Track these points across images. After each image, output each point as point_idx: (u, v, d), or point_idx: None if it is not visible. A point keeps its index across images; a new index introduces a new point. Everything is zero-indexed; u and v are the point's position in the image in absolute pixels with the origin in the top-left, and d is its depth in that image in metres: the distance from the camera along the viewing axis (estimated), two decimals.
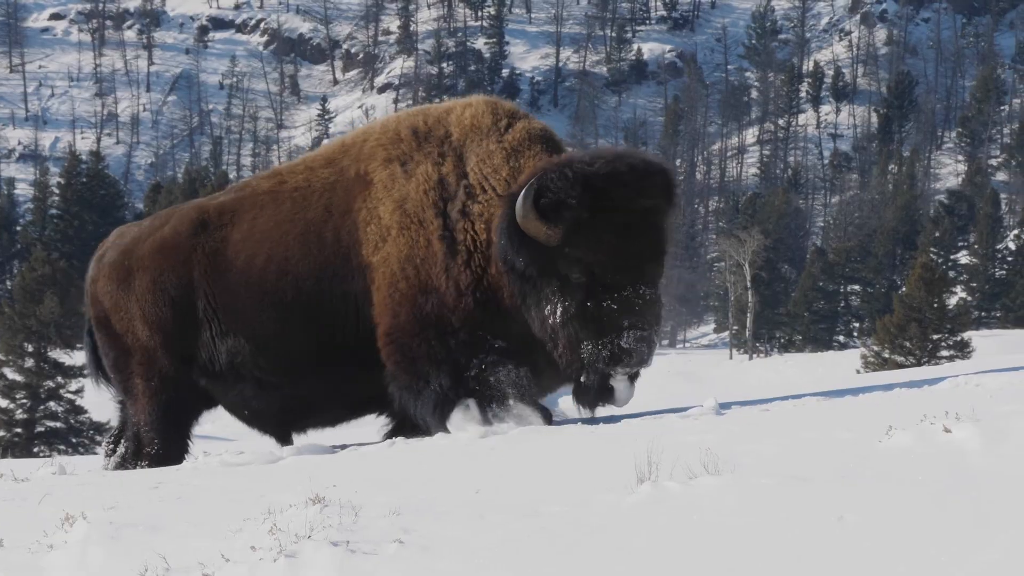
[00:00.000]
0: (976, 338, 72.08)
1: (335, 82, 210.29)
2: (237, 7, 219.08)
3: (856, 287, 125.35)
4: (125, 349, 13.78)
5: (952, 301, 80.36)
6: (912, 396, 11.55)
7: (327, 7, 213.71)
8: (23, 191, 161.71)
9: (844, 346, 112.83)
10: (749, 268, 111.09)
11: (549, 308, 11.76)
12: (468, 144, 12.73)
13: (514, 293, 12.04)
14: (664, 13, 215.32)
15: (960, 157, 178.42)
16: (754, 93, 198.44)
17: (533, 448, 10.48)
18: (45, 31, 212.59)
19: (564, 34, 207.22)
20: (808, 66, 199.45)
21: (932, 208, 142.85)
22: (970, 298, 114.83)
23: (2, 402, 61.96)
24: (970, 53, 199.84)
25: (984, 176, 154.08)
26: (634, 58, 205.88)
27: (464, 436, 11.84)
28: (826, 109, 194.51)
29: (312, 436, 13.88)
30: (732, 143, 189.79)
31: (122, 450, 14.08)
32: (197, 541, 7.93)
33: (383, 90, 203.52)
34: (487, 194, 12.45)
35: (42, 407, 61.79)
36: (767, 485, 7.56)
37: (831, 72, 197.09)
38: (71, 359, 61.95)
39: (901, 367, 58.08)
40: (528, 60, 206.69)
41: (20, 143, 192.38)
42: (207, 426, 14.37)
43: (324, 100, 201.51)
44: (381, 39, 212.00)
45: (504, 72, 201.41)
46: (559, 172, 11.68)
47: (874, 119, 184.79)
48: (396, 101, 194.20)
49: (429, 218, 12.52)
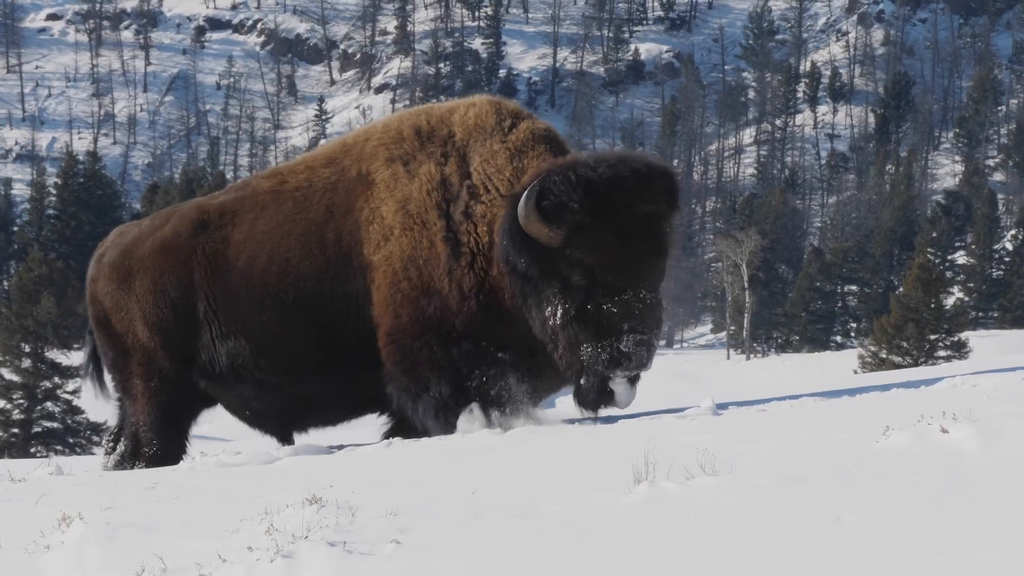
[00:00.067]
0: (973, 338, 72.07)
1: (332, 82, 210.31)
2: (234, 7, 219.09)
3: (853, 287, 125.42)
4: (125, 349, 13.77)
5: (949, 301, 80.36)
6: (909, 396, 11.55)
7: (324, 7, 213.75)
8: (20, 191, 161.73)
9: (841, 346, 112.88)
10: (746, 268, 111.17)
11: (550, 309, 11.73)
12: (471, 144, 12.68)
13: (515, 294, 12.01)
14: (661, 13, 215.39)
15: (957, 157, 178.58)
16: (751, 93, 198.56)
17: (530, 448, 10.48)
18: (42, 31, 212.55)
19: (561, 34, 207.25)
20: (805, 66, 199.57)
21: (929, 208, 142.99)
22: (967, 298, 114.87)
23: None
24: (967, 53, 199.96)
25: (981, 176, 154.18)
26: (631, 58, 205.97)
27: (461, 436, 11.85)
28: (823, 109, 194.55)
29: (312, 436, 13.88)
30: (729, 143, 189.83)
31: (122, 448, 14.07)
32: (194, 541, 7.92)
33: (380, 90, 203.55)
34: (490, 194, 12.40)
35: (39, 407, 61.79)
36: (764, 485, 7.57)
37: (828, 72, 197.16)
38: (68, 359, 61.96)
39: (898, 367, 58.06)
40: (525, 60, 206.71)
41: (17, 143, 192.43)
42: (204, 426, 14.37)
43: (321, 100, 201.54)
44: (378, 39, 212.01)
45: (501, 72, 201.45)
46: (562, 174, 11.64)
47: (871, 119, 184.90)
48: (393, 101, 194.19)
49: (432, 219, 12.47)
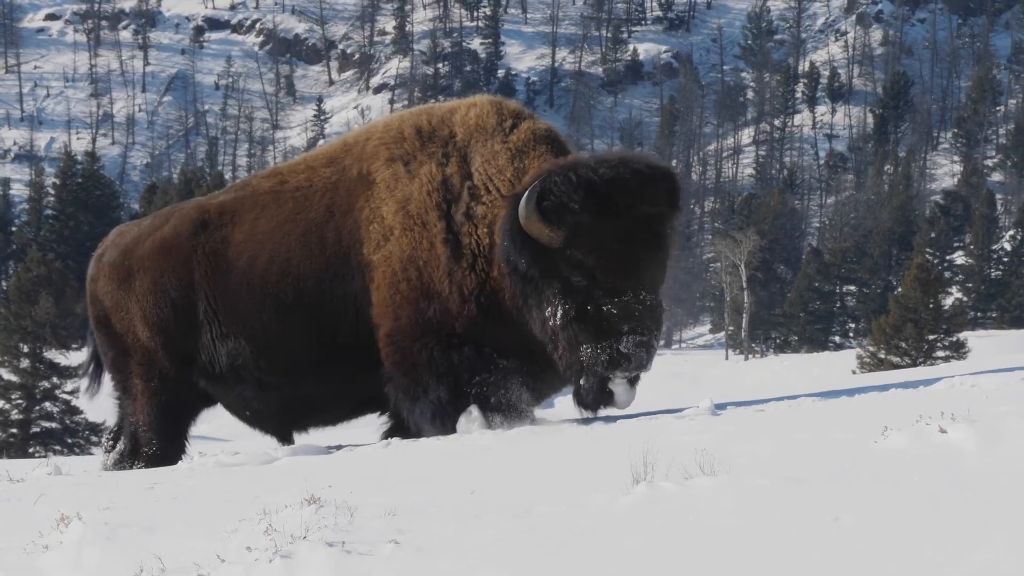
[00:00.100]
0: (972, 339, 72.06)
1: (331, 82, 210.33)
2: (233, 7, 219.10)
3: (852, 288, 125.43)
4: (125, 349, 13.75)
5: (948, 302, 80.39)
6: (908, 397, 11.54)
7: (323, 7, 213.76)
8: (18, 192, 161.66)
9: (840, 347, 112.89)
10: (745, 269, 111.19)
11: (550, 310, 11.72)
12: (472, 144, 12.66)
13: (516, 294, 11.99)
14: (660, 13, 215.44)
15: (956, 158, 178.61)
16: (750, 94, 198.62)
17: (529, 448, 10.48)
18: (41, 31, 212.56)
19: (560, 34, 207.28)
20: (804, 66, 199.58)
21: (928, 209, 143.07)
22: (966, 299, 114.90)
23: None
24: (966, 53, 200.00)
25: (980, 177, 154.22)
26: (630, 58, 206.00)
27: (460, 437, 11.84)
28: (822, 110, 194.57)
29: (312, 436, 13.88)
30: (728, 144, 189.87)
31: (121, 447, 14.05)
32: (193, 541, 7.92)
33: (379, 90, 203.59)
34: (491, 195, 12.38)
35: (37, 408, 61.80)
36: (763, 486, 7.56)
37: (827, 72, 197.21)
38: (67, 360, 61.97)
39: (897, 368, 58.08)
40: (524, 60, 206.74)
41: (15, 143, 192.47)
42: (203, 426, 14.37)
43: (320, 100, 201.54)
44: (377, 39, 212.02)
45: (500, 72, 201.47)
46: (563, 175, 11.63)
47: (870, 119, 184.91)
48: (392, 102, 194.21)
49: (432, 220, 12.45)
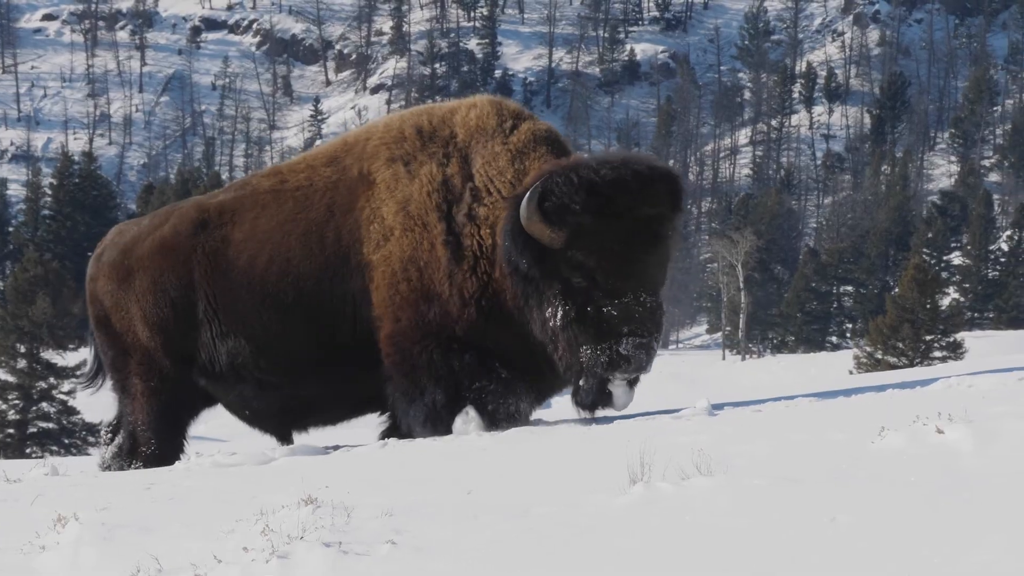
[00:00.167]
0: (969, 339, 72.05)
1: (328, 83, 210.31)
2: (230, 8, 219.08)
3: (849, 288, 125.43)
4: (124, 349, 13.72)
5: (945, 302, 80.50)
6: (905, 397, 11.54)
7: (320, 8, 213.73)
8: (15, 192, 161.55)
9: (837, 347, 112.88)
10: (742, 269, 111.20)
11: (550, 311, 11.71)
12: (473, 145, 12.64)
13: (517, 295, 11.99)
14: (657, 14, 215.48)
15: (953, 158, 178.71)
16: (747, 94, 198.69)
17: (526, 449, 10.48)
18: (38, 32, 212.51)
19: (557, 35, 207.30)
20: (801, 67, 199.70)
21: (925, 209, 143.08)
22: (963, 299, 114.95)
23: None
24: (963, 54, 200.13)
25: (977, 177, 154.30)
26: (627, 59, 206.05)
27: (456, 437, 11.84)
28: (819, 110, 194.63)
29: (311, 436, 13.88)
30: (725, 144, 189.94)
31: (119, 441, 14.02)
32: (189, 542, 7.92)
33: (376, 91, 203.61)
34: (492, 196, 12.36)
35: (34, 408, 61.74)
36: (760, 486, 7.56)
37: (824, 73, 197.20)
38: (63, 360, 61.93)
39: (894, 368, 58.08)
40: (521, 61, 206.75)
41: (12, 144, 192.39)
42: (200, 427, 14.35)
43: (317, 101, 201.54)
44: (374, 40, 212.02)
45: (497, 73, 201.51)
46: (564, 176, 11.62)
47: (867, 120, 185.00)
48: (389, 102, 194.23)
49: (433, 221, 12.43)
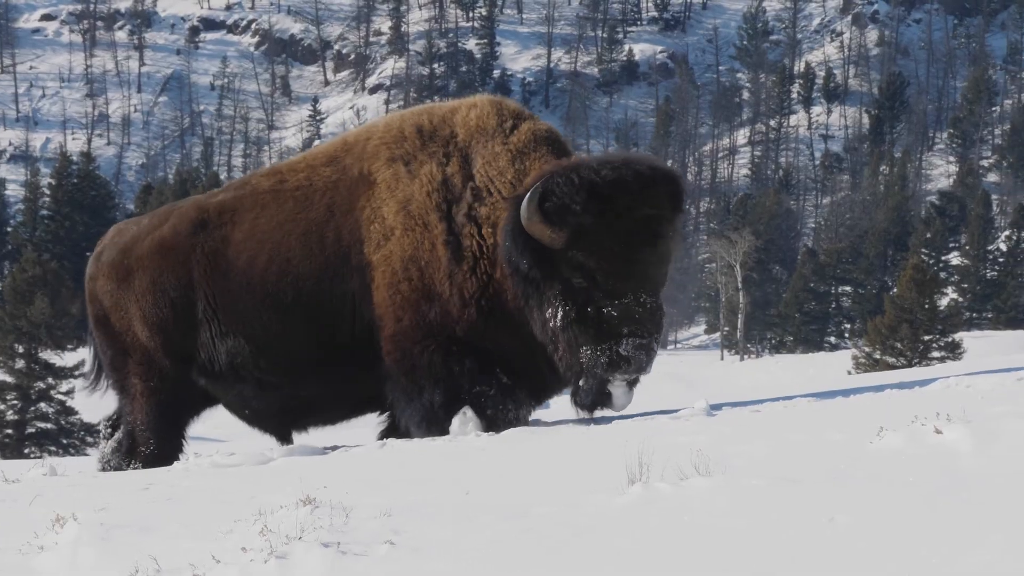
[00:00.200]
0: (967, 339, 72.05)
1: (326, 83, 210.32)
2: (228, 8, 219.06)
3: (847, 288, 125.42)
4: (123, 348, 13.71)
5: (943, 302, 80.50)
6: (903, 397, 11.54)
7: (318, 8, 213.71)
8: (13, 192, 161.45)
9: (835, 347, 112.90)
10: (740, 269, 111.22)
11: (551, 311, 11.71)
12: (473, 145, 12.62)
13: (518, 295, 11.99)
14: (655, 14, 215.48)
15: (951, 158, 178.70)
16: (745, 94, 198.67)
17: (524, 449, 10.48)
18: (36, 32, 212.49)
19: (555, 35, 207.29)
20: (799, 67, 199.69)
21: (923, 209, 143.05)
22: (961, 299, 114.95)
23: None
24: (961, 54, 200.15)
25: (975, 177, 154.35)
26: (625, 59, 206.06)
27: (454, 438, 11.84)
28: (817, 110, 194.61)
29: (310, 435, 13.88)
30: (723, 144, 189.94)
31: (119, 435, 14.02)
32: (188, 542, 7.92)
33: (374, 91, 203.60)
34: (493, 196, 12.35)
35: (33, 408, 61.73)
36: (758, 486, 7.56)
37: (822, 73, 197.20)
38: (62, 360, 61.92)
39: (892, 368, 58.08)
40: (519, 61, 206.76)
41: (11, 144, 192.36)
42: (198, 427, 14.34)
43: (315, 101, 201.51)
44: (372, 40, 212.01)
45: (495, 73, 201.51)
46: (565, 176, 11.61)
47: (865, 120, 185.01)
48: (387, 102, 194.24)
49: (433, 221, 12.42)
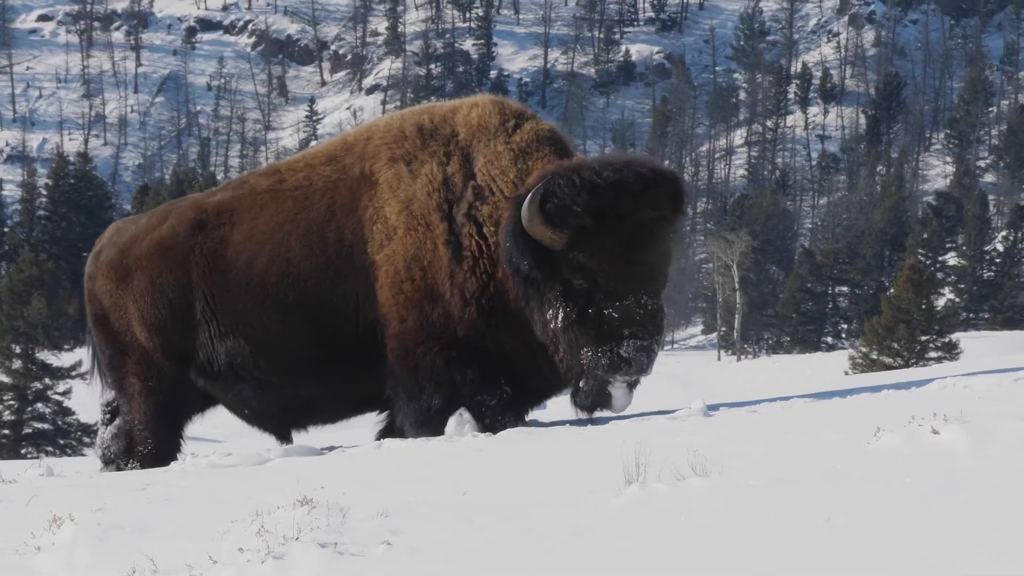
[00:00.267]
0: (964, 339, 72.06)
1: (323, 83, 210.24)
2: (225, 8, 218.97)
3: (844, 288, 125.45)
4: (122, 348, 13.73)
5: (940, 303, 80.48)
6: (900, 398, 11.54)
7: (315, 8, 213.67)
8: (10, 192, 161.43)
9: (832, 347, 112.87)
10: (737, 269, 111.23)
11: (551, 312, 11.72)
12: (475, 144, 12.62)
13: (519, 295, 12.00)
14: (652, 15, 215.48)
15: (948, 159, 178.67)
16: (742, 94, 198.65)
17: (521, 449, 10.47)
18: (33, 32, 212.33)
19: (552, 35, 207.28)
20: (796, 67, 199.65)
21: (920, 210, 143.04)
22: (958, 299, 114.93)
23: None
24: (958, 54, 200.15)
25: (972, 178, 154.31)
26: (622, 59, 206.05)
27: (452, 438, 11.85)
28: (814, 110, 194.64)
29: (309, 435, 13.89)
30: (720, 144, 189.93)
31: (119, 422, 14.02)
32: (185, 543, 7.91)
33: (371, 91, 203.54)
34: (495, 196, 12.35)
35: (30, 409, 61.69)
36: (755, 487, 7.56)
37: (819, 73, 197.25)
38: (59, 360, 61.88)
39: (889, 368, 58.12)
40: (516, 61, 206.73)
41: (8, 144, 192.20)
42: (195, 427, 14.34)
43: (312, 101, 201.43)
44: (369, 40, 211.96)
45: (492, 73, 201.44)
46: (567, 178, 11.62)
47: (862, 120, 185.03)
48: (384, 102, 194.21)
49: (435, 221, 12.43)
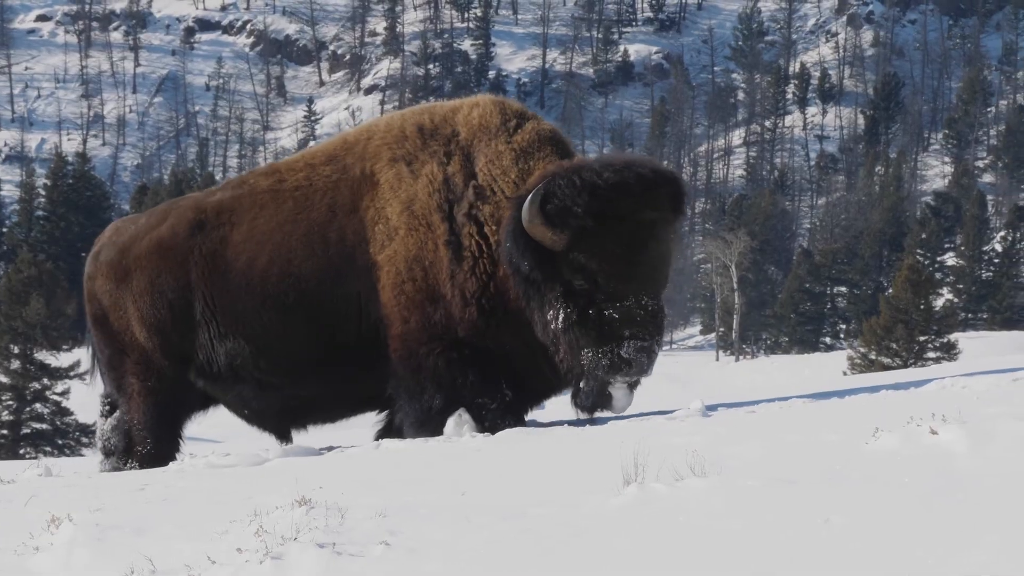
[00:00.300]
0: (962, 340, 72.12)
1: (321, 83, 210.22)
2: (223, 8, 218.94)
3: (842, 289, 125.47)
4: (121, 348, 13.72)
5: (939, 303, 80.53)
6: (898, 398, 11.53)
7: (313, 8, 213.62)
8: (9, 193, 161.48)
9: (831, 348, 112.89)
10: (735, 270, 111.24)
11: (552, 313, 11.72)
12: (476, 144, 12.60)
13: (519, 295, 12.00)
14: (650, 15, 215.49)
15: (946, 159, 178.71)
16: (740, 95, 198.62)
17: (519, 450, 10.47)
18: (31, 32, 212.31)
19: (550, 35, 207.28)
20: (794, 68, 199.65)
21: (918, 210, 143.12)
22: (956, 300, 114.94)
23: None
24: (956, 55, 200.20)
25: (970, 178, 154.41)
26: (620, 59, 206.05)
27: (450, 439, 11.85)
28: (812, 111, 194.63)
29: (309, 434, 13.89)
30: (718, 145, 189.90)
31: (119, 414, 14.01)
32: (183, 543, 7.91)
33: (369, 91, 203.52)
34: (496, 196, 12.34)
35: (28, 409, 61.67)
36: (753, 487, 7.56)
37: (817, 74, 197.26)
38: (57, 361, 61.86)
39: (887, 369, 58.13)
40: (514, 62, 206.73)
41: (6, 144, 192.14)
42: (194, 427, 14.34)
43: (310, 101, 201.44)
44: (367, 40, 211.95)
45: (491, 74, 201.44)
46: (567, 178, 11.61)
47: (860, 121, 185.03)
48: (382, 103, 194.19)
49: (436, 221, 12.41)
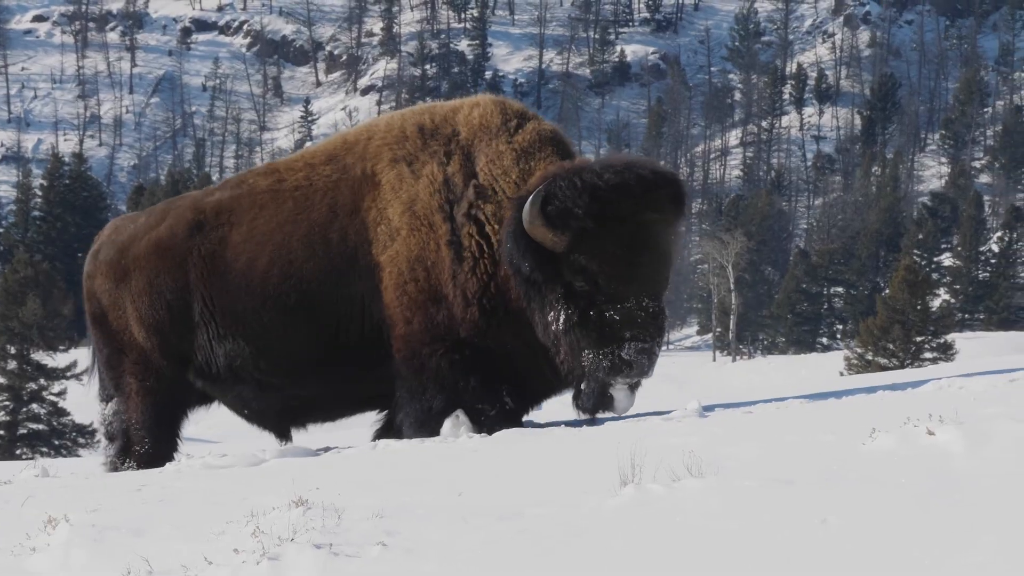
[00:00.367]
0: (959, 340, 72.13)
1: (318, 84, 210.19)
2: (220, 9, 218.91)
3: (839, 289, 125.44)
4: (120, 347, 13.72)
5: (935, 303, 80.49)
6: (895, 398, 11.54)
7: (310, 9, 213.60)
8: (5, 193, 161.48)
9: (827, 348, 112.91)
10: (732, 270, 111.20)
11: (553, 314, 11.72)
12: (476, 144, 12.59)
13: (520, 296, 12.00)
14: (647, 15, 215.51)
15: (943, 159, 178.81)
16: (737, 95, 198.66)
17: (516, 450, 10.47)
18: (28, 33, 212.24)
19: (547, 36, 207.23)
20: (791, 68, 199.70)
21: (915, 210, 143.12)
22: (953, 300, 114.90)
23: None
24: (953, 55, 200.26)
25: (967, 178, 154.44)
26: (617, 60, 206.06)
27: (447, 439, 11.85)
28: (809, 111, 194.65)
29: (308, 434, 13.90)
30: (715, 145, 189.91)
31: (114, 404, 14.02)
32: (180, 543, 7.91)
33: (366, 92, 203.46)
34: (497, 196, 12.33)
35: (24, 409, 61.66)
36: (750, 487, 7.56)
37: (814, 74, 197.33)
38: (54, 361, 61.86)
39: (884, 369, 58.15)
40: (511, 62, 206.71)
41: (3, 145, 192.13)
42: (191, 428, 14.33)
43: (307, 102, 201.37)
44: (364, 41, 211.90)
45: (487, 74, 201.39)
46: (568, 179, 11.61)
47: (857, 121, 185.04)
48: (379, 103, 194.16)
49: (438, 222, 12.41)
